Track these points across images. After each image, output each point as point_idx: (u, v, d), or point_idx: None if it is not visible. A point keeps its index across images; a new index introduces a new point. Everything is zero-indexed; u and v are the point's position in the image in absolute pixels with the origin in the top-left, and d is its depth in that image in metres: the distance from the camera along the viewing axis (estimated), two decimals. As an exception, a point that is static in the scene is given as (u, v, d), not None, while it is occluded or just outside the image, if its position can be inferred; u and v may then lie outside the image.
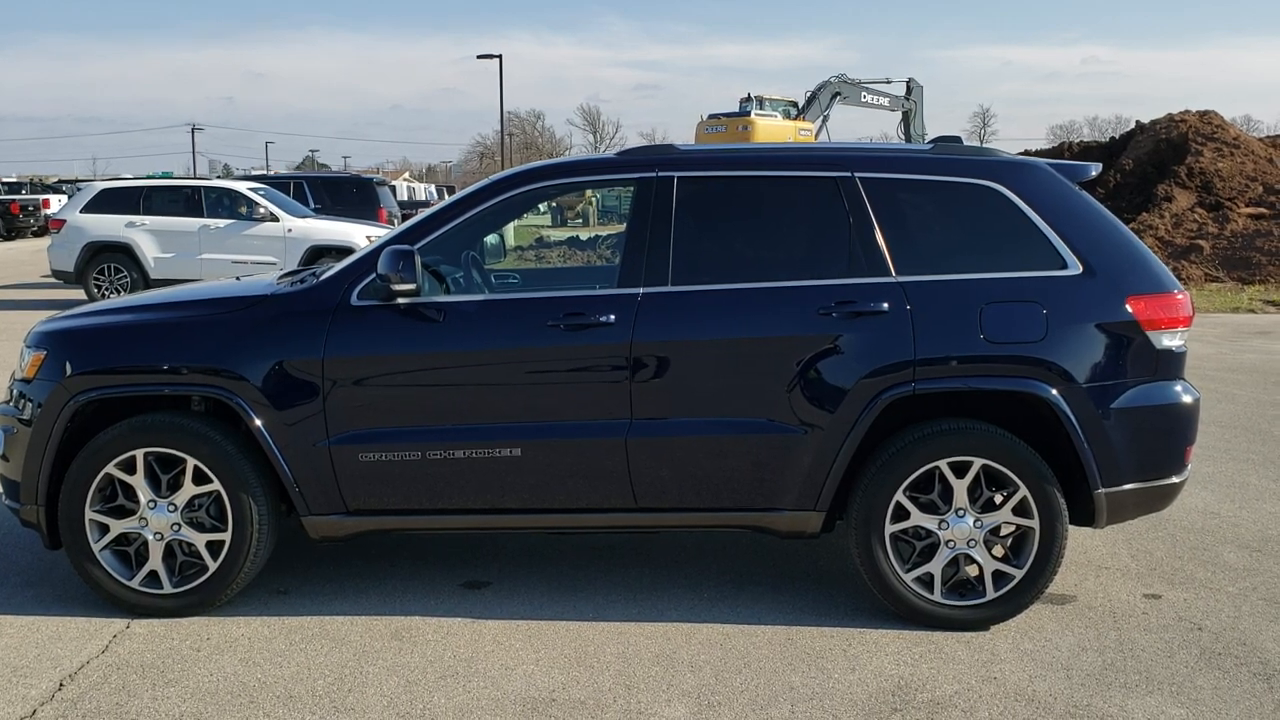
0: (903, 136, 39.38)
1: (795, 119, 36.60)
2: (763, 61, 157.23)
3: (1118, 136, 28.55)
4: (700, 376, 4.32)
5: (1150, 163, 23.63)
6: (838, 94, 37.93)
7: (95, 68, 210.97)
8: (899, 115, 39.88)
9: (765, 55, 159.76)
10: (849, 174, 4.44)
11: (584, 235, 29.24)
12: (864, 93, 38.83)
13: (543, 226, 37.38)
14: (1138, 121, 26.64)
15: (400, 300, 4.36)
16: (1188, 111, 25.26)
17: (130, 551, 4.48)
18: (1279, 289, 17.95)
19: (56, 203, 37.01)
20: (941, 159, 4.50)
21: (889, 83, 39.62)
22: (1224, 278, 18.69)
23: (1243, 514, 5.90)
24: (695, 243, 4.43)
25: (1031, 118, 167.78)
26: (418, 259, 4.28)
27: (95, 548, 4.43)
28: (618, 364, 4.30)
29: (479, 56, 45.04)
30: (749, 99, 36.47)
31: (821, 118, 37.76)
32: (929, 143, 4.87)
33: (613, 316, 4.31)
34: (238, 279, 5.55)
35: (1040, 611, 4.50)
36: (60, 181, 52.05)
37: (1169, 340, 4.34)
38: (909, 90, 39.57)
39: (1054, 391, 4.22)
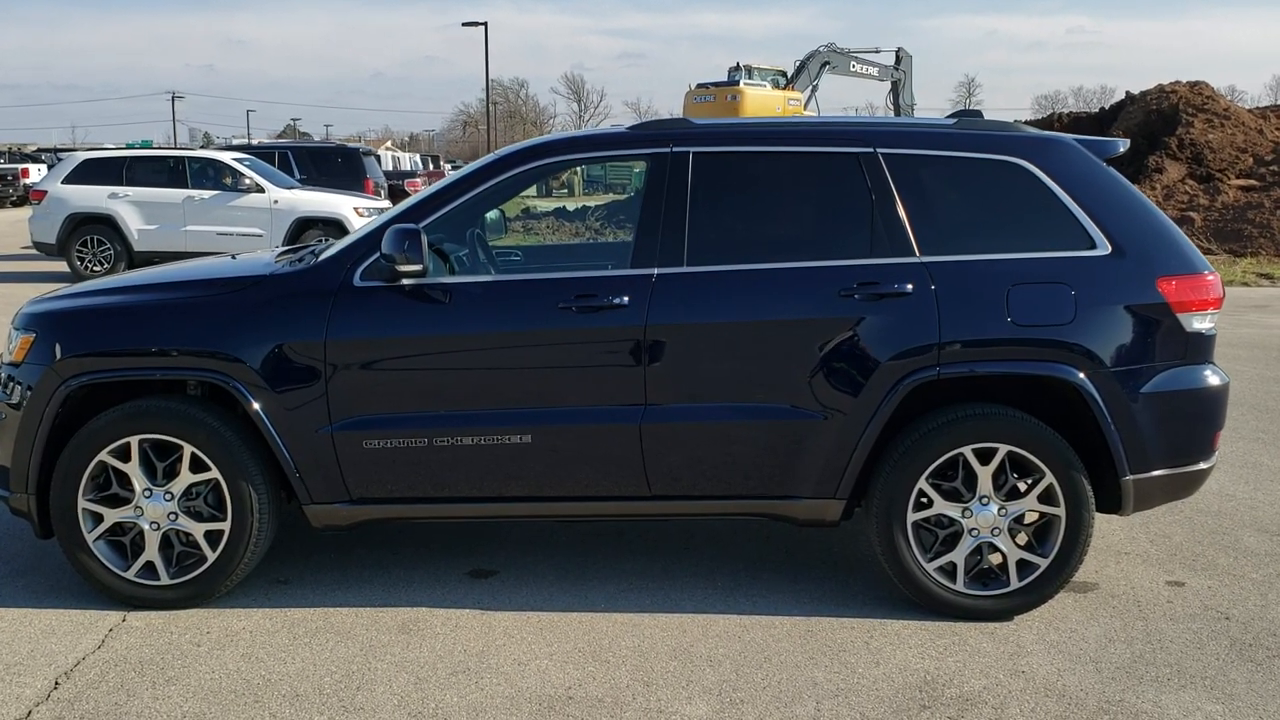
0: (891, 107, 39.19)
1: (784, 88, 36.33)
2: (744, 30, 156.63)
3: (1106, 107, 28.43)
4: (717, 360, 4.17)
5: (1141, 134, 23.51)
6: (827, 63, 37.66)
7: (74, 34, 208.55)
8: (888, 85, 39.66)
9: (746, 24, 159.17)
10: (871, 149, 4.28)
11: (571, 206, 28.98)
12: (853, 62, 38.56)
13: (529, 197, 37.00)
14: (1128, 92, 26.52)
15: (405, 281, 4.19)
16: (1178, 82, 25.14)
17: (125, 542, 4.32)
18: (1271, 261, 17.91)
19: (36, 172, 36.53)
20: (966, 134, 4.35)
21: (878, 52, 39.38)
22: (1216, 250, 18.62)
23: (1259, 496, 5.81)
24: (711, 221, 4.27)
25: (1016, 88, 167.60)
26: (424, 238, 4.11)
27: (89, 538, 4.27)
28: (631, 347, 4.14)
29: (464, 24, 44.59)
30: (738, 68, 36.15)
31: (810, 87, 37.50)
32: (949, 116, 4.72)
33: (626, 298, 4.15)
34: (233, 257, 5.36)
35: (1063, 601, 4.39)
36: (40, 150, 51.37)
37: (1199, 323, 4.21)
38: (898, 60, 39.34)
39: (1081, 375, 4.09)
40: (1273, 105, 28.04)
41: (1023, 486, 4.21)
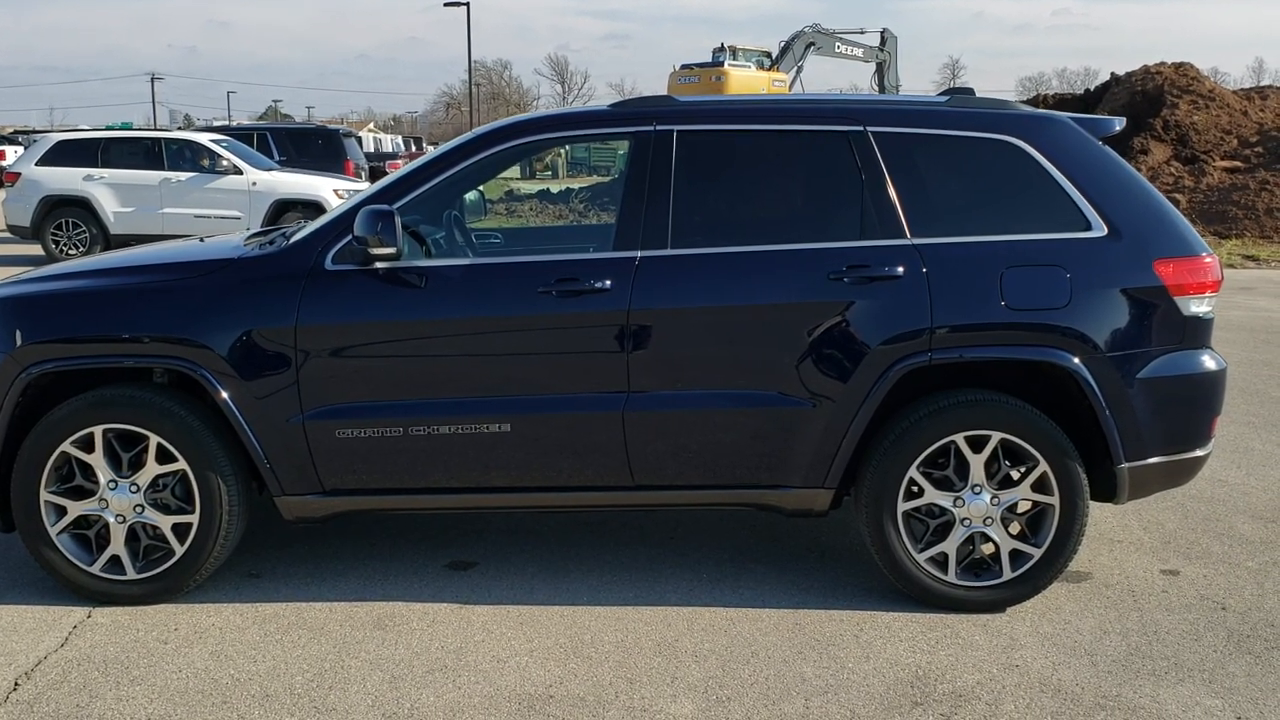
0: (876, 88, 39.03)
1: (769, 69, 36.12)
2: (728, 11, 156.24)
3: (1091, 89, 28.31)
4: (702, 346, 4.03)
5: (1126, 115, 23.06)
6: (812, 44, 37.44)
7: (54, 15, 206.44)
8: (873, 66, 39.49)
9: (730, 5, 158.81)
10: (861, 128, 4.14)
11: (555, 188, 28.76)
12: (838, 43, 38.35)
13: (511, 179, 36.70)
14: (1113, 73, 26.39)
15: (379, 265, 4.04)
16: (1163, 63, 25.03)
17: (90, 535, 4.16)
18: (1256, 243, 17.88)
19: (13, 154, 36.05)
20: (959, 112, 4.21)
21: (863, 33, 39.17)
22: (1201, 232, 18.56)
23: (1251, 481, 5.72)
24: (696, 202, 4.13)
25: (1000, 70, 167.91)
26: (398, 220, 3.95)
27: (52, 531, 4.12)
28: (614, 333, 4.01)
29: (446, 4, 44.02)
30: (722, 49, 35.87)
31: (795, 68, 37.29)
32: (941, 94, 4.59)
33: (609, 282, 4.01)
34: (201, 240, 5.19)
35: (1057, 591, 4.28)
36: (16, 132, 50.78)
37: (1197, 306, 4.10)
38: (883, 41, 39.15)
39: (1076, 361, 3.98)
40: (1257, 87, 27.97)
41: (1016, 475, 4.09)
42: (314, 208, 14.78)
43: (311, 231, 4.23)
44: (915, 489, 4.09)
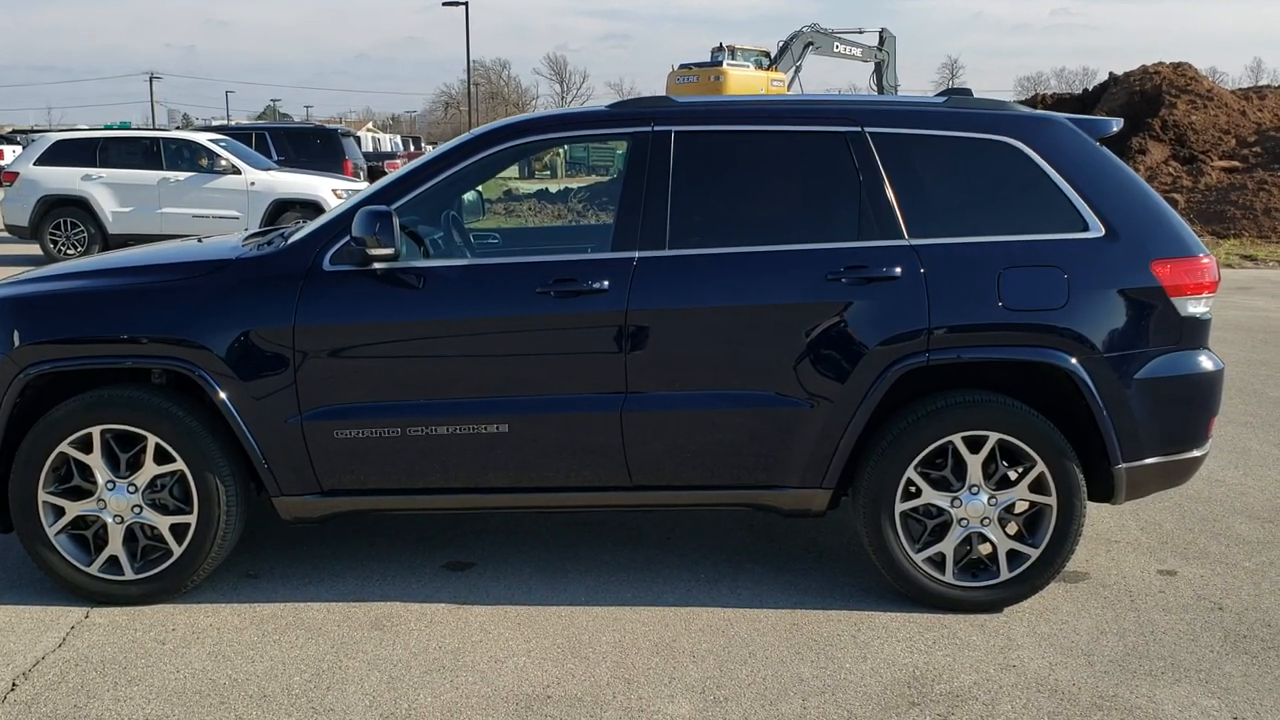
0: (875, 88, 39.06)
1: (767, 69, 36.14)
2: (727, 11, 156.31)
3: (1089, 89, 28.33)
4: (700, 346, 4.04)
5: (1124, 115, 23.24)
6: (810, 44, 37.51)
7: (52, 14, 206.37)
8: (871, 66, 39.54)
9: (729, 5, 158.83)
10: (858, 129, 4.15)
11: (553, 188, 28.77)
12: (837, 43, 38.41)
13: (510, 179, 36.72)
14: (1111, 73, 26.43)
15: (377, 265, 4.05)
16: (1161, 63, 25.06)
17: (88, 535, 4.17)
18: (1254, 243, 17.90)
19: (10, 153, 36.04)
20: (956, 113, 4.22)
21: (861, 33, 39.24)
22: (1199, 232, 18.59)
23: (1249, 481, 5.73)
24: (694, 203, 4.13)
25: (999, 70, 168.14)
26: (395, 220, 3.96)
27: (50, 531, 4.12)
28: (612, 333, 4.01)
29: (444, 3, 43.98)
30: (721, 49, 35.93)
31: (794, 68, 37.35)
32: (939, 95, 4.59)
33: (606, 282, 4.01)
34: (199, 240, 5.19)
35: (1054, 591, 4.29)
36: (14, 131, 50.75)
37: (1194, 307, 4.10)
38: (882, 40, 39.22)
39: (1074, 361, 3.98)
40: (1255, 87, 28.01)
41: (1013, 475, 4.10)
42: (312, 208, 14.78)
43: (310, 232, 4.23)
44: (913, 489, 4.09)
